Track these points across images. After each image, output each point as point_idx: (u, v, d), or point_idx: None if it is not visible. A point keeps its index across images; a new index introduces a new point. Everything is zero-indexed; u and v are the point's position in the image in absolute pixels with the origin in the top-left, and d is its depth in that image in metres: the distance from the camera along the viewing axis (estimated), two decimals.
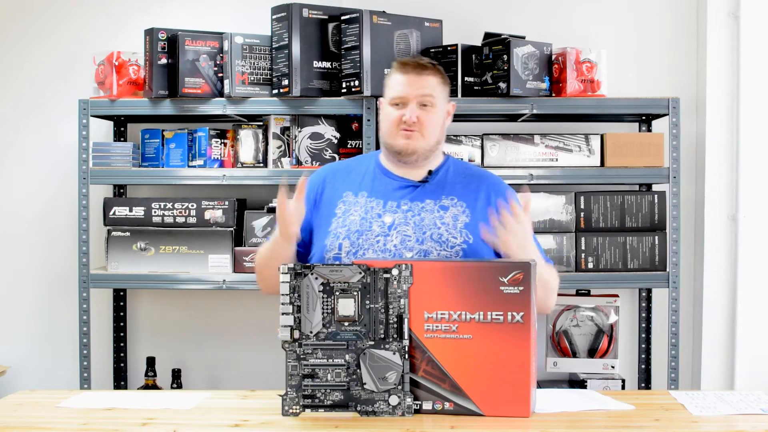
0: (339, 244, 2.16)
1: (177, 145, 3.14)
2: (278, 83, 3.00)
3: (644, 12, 3.36)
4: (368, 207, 2.20)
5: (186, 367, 3.39)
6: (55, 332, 3.43)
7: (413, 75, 2.20)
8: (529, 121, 3.25)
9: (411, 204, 2.20)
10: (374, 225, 2.17)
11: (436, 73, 2.23)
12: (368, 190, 2.24)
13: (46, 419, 1.86)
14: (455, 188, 2.24)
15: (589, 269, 3.05)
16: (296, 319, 1.84)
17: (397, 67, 2.23)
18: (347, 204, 2.23)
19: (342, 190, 2.25)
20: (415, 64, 2.22)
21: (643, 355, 3.31)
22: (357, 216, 2.19)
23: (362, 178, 2.27)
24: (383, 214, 2.19)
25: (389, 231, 2.16)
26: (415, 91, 2.18)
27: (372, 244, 2.15)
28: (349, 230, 2.17)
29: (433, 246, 2.14)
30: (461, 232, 2.16)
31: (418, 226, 2.16)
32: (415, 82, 2.19)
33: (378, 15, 2.99)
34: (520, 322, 1.80)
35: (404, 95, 2.19)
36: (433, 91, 2.20)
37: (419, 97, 2.18)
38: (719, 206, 3.25)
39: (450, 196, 2.22)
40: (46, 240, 3.42)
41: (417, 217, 2.18)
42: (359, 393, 1.83)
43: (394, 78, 2.23)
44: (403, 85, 2.19)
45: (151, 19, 3.25)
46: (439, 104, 2.22)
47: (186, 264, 3.07)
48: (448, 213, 2.19)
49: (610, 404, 1.93)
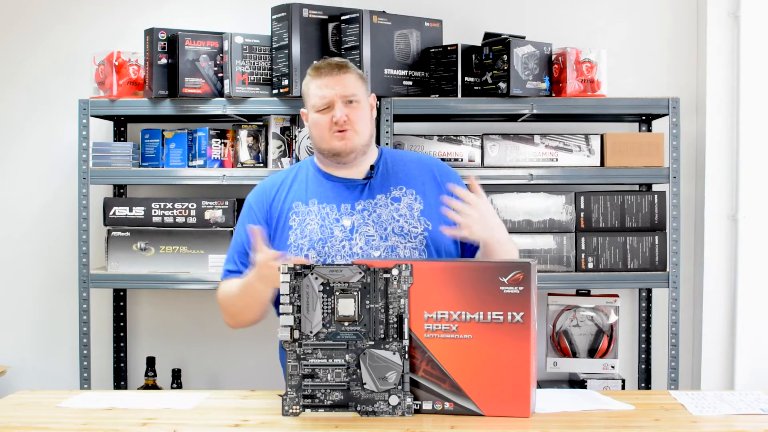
0: (305, 255, 2.16)
1: (177, 145, 3.14)
2: (278, 83, 3.00)
3: (644, 12, 3.36)
4: (323, 213, 2.21)
5: (186, 367, 3.39)
6: (55, 332, 3.43)
7: (330, 77, 2.20)
8: (529, 121, 3.25)
9: (364, 203, 2.21)
10: (335, 230, 2.18)
11: (351, 71, 2.24)
12: (317, 197, 2.24)
13: (46, 419, 1.86)
14: (399, 177, 2.25)
15: (589, 269, 3.05)
16: (296, 319, 1.84)
17: (313, 73, 2.24)
18: (300, 214, 2.22)
19: (289, 201, 2.25)
20: (329, 66, 2.23)
21: (643, 355, 3.31)
22: (315, 224, 2.20)
23: (306, 186, 2.27)
24: (341, 218, 2.20)
25: (351, 234, 2.18)
26: (337, 92, 2.19)
27: (338, 250, 2.16)
28: (311, 240, 2.18)
29: (397, 240, 2.17)
30: (420, 220, 2.19)
31: (378, 224, 2.18)
32: (335, 83, 2.20)
33: (378, 15, 2.99)
34: (520, 322, 1.80)
35: (328, 97, 2.19)
36: (354, 87, 2.21)
37: (343, 97, 2.19)
38: (719, 206, 3.25)
39: (398, 186, 2.24)
40: (46, 240, 3.42)
41: (374, 214, 2.20)
42: (359, 393, 1.83)
43: (312, 84, 2.23)
44: (323, 88, 2.20)
45: (151, 19, 3.25)
46: (363, 99, 2.23)
47: (186, 264, 3.07)
48: (402, 204, 2.21)
49: (610, 404, 1.93)
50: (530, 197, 3.06)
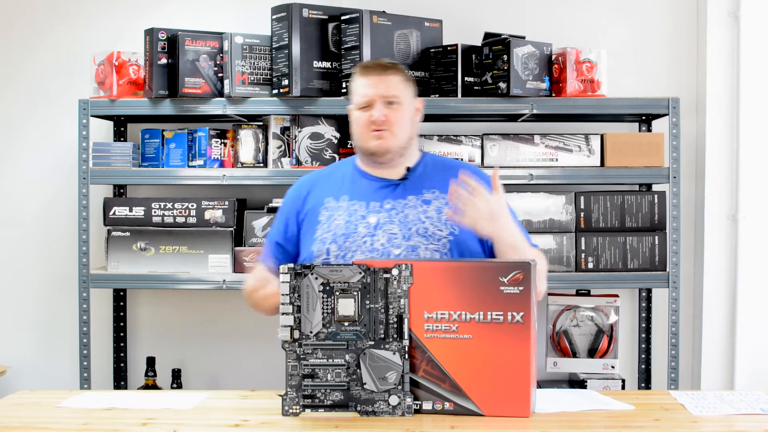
0: (326, 248, 2.17)
1: (177, 145, 3.14)
2: (278, 83, 3.00)
3: (644, 12, 3.36)
4: (351, 210, 2.22)
5: (186, 367, 3.39)
6: (55, 332, 3.43)
7: (375, 76, 2.23)
8: (529, 121, 3.25)
9: (394, 202, 2.22)
10: (360, 227, 2.18)
11: (398, 72, 2.26)
12: (349, 194, 2.25)
13: (46, 419, 1.86)
14: (434, 181, 2.25)
15: (589, 269, 3.05)
16: (296, 319, 1.84)
17: (360, 71, 2.27)
18: (330, 209, 2.24)
19: (323, 197, 2.27)
20: (376, 66, 2.26)
21: (643, 355, 3.31)
22: (341, 220, 2.21)
23: (341, 182, 2.29)
24: (367, 215, 2.20)
25: (375, 231, 2.17)
26: (379, 91, 2.21)
27: (359, 245, 2.16)
28: (335, 234, 2.19)
29: (420, 241, 2.15)
30: (447, 223, 2.17)
31: (403, 223, 2.18)
32: (379, 83, 2.22)
33: (378, 15, 2.99)
34: (520, 322, 1.80)
35: (369, 96, 2.21)
36: (397, 89, 2.23)
37: (384, 97, 2.21)
38: (719, 206, 3.25)
39: (431, 190, 2.24)
40: (46, 240, 3.42)
41: (401, 214, 2.19)
42: (359, 393, 1.83)
43: (358, 82, 2.25)
44: (366, 87, 2.22)
45: (151, 19, 3.25)
46: (406, 101, 2.24)
47: (186, 264, 3.07)
48: (431, 206, 2.20)
49: (610, 404, 1.93)
50: (530, 197, 3.06)
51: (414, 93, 2.30)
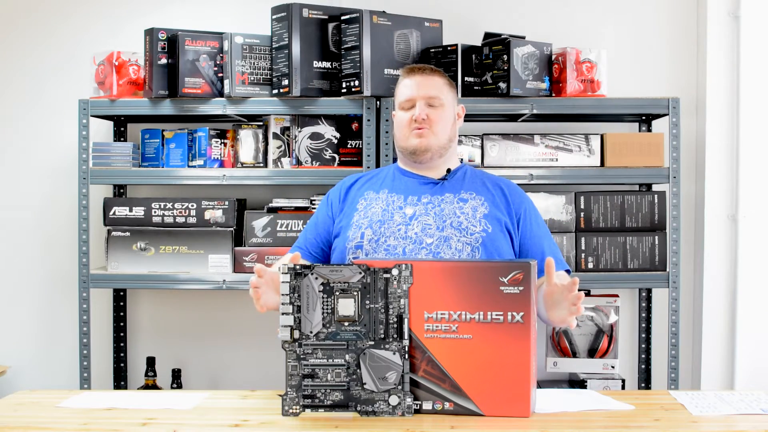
0: (361, 233, 2.25)
1: (177, 145, 3.14)
2: (278, 83, 3.00)
3: (644, 12, 3.36)
4: (389, 201, 2.30)
5: (186, 367, 3.39)
6: (55, 332, 3.43)
7: (419, 77, 2.34)
8: (529, 121, 3.25)
9: (431, 197, 2.29)
10: (396, 215, 2.26)
11: (441, 76, 2.37)
12: (389, 187, 2.34)
13: (46, 419, 1.86)
14: (474, 185, 2.34)
15: (589, 269, 3.05)
16: (296, 319, 1.84)
17: (405, 73, 2.38)
18: (368, 200, 2.33)
19: (363, 190, 2.37)
20: (421, 68, 2.37)
21: (643, 355, 3.31)
22: (378, 208, 2.29)
23: (383, 180, 2.39)
24: (404, 207, 2.28)
25: (410, 221, 2.24)
26: (422, 92, 2.31)
27: (393, 232, 2.23)
28: (371, 221, 2.26)
29: (453, 233, 2.21)
30: (480, 221, 2.24)
31: (439, 216, 2.25)
32: (422, 83, 2.33)
33: (378, 15, 2.99)
34: (520, 322, 1.80)
35: (412, 96, 2.32)
36: (439, 91, 2.33)
37: (427, 98, 2.31)
38: (719, 206, 3.25)
39: (469, 191, 2.31)
40: (46, 240, 3.42)
41: (437, 208, 2.27)
42: (359, 393, 1.83)
43: (402, 83, 2.36)
44: (410, 87, 2.33)
45: (151, 19, 3.25)
46: (447, 104, 2.34)
47: (186, 264, 3.07)
48: (467, 205, 2.28)
49: (610, 404, 1.93)
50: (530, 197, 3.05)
51: (456, 98, 2.40)
